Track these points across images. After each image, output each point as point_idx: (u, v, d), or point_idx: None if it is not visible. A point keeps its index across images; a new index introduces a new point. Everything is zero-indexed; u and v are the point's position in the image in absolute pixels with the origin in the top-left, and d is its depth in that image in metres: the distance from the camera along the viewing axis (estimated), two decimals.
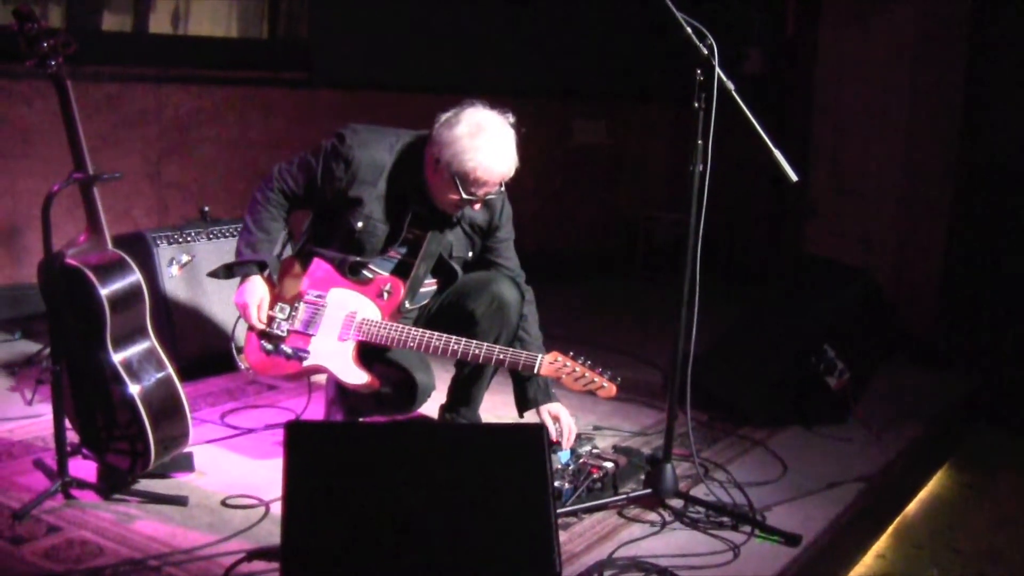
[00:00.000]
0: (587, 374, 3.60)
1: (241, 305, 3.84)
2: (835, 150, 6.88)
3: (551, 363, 3.60)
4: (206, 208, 5.27)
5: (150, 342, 3.61)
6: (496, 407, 4.56)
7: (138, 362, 3.53)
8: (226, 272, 3.92)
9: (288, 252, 4.11)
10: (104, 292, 3.43)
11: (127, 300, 3.50)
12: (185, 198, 6.24)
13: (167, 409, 3.57)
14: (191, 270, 4.99)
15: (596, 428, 4.55)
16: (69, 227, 4.12)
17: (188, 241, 5.04)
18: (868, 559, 4.04)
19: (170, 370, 3.61)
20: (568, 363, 3.60)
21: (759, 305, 5.37)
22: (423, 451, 2.63)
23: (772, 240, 7.79)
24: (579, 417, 4.42)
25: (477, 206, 3.81)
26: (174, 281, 4.95)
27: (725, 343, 5.10)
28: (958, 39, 6.37)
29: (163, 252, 4.93)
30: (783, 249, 7.43)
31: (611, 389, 3.61)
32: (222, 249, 5.04)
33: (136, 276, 3.53)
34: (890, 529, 4.30)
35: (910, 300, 6.42)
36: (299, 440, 2.58)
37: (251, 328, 3.86)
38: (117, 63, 6.03)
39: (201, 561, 3.22)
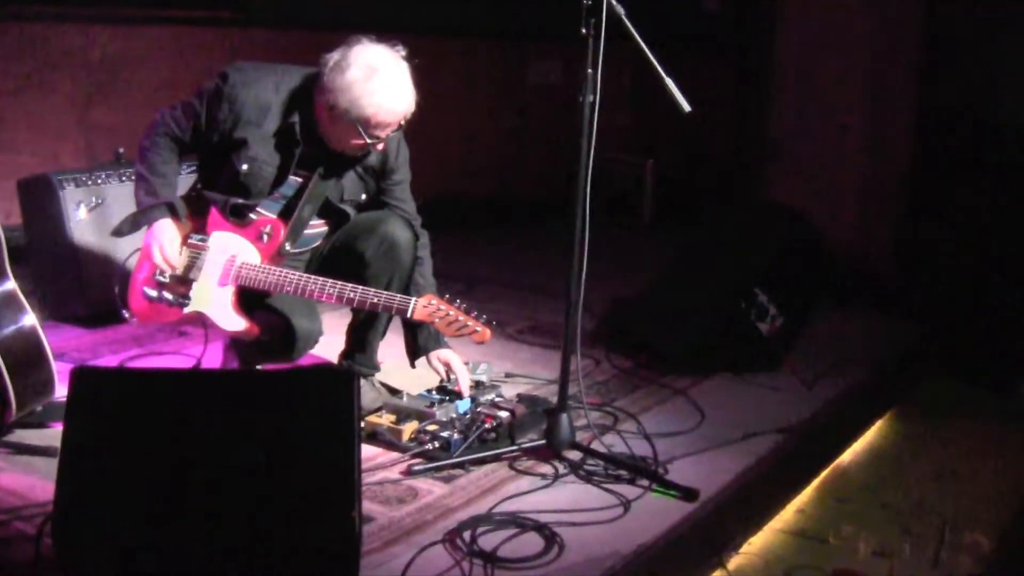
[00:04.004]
0: (460, 318, 3.41)
1: (148, 246, 3.64)
2: (797, 90, 6.62)
3: (424, 307, 3.42)
4: (120, 150, 5.08)
5: (9, 287, 3.44)
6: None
7: None
8: (131, 225, 3.74)
9: None
10: None
11: None
12: (115, 142, 5.93)
13: (27, 355, 3.40)
14: (100, 214, 4.81)
15: (508, 375, 4.35)
16: None
17: (98, 184, 4.85)
18: (787, 514, 3.84)
19: (30, 314, 3.43)
20: (442, 307, 3.42)
21: (690, 247, 5.13)
22: (219, 400, 2.41)
23: (733, 183, 7.54)
24: (494, 363, 4.24)
25: (380, 146, 3.61)
26: (81, 225, 4.76)
27: (654, 287, 4.88)
28: None
29: (69, 195, 4.75)
30: (744, 192, 7.19)
31: (484, 333, 3.43)
32: None
33: None
34: (815, 482, 4.10)
35: (870, 243, 6.21)
36: (84, 387, 2.38)
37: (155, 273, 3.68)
38: (42, 3, 5.80)
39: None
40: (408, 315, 3.43)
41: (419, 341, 3.78)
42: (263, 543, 2.33)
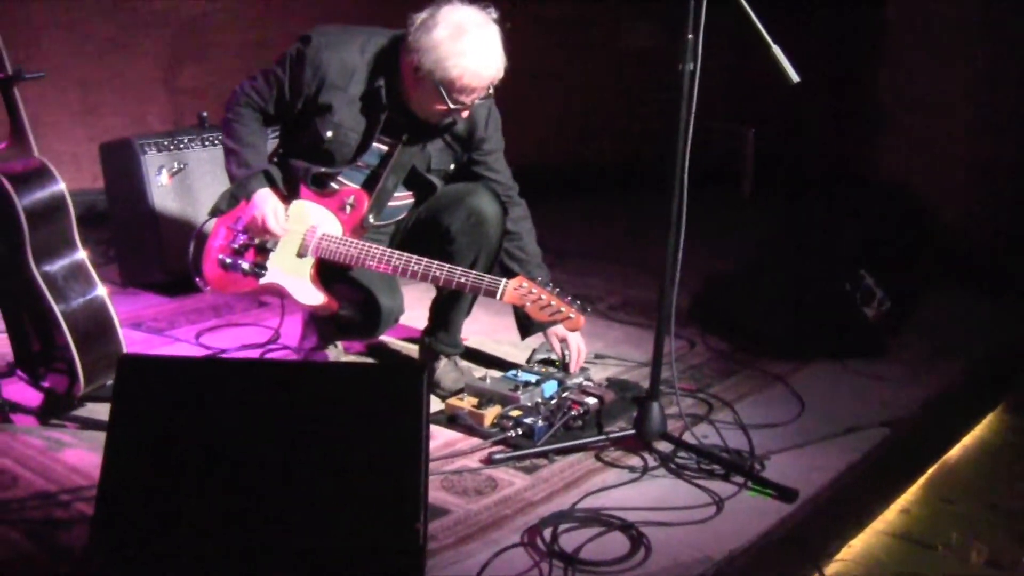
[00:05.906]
0: (553, 302, 3.22)
1: (254, 219, 3.45)
2: (906, 57, 6.28)
3: (515, 289, 3.23)
4: (204, 113, 4.96)
5: (78, 257, 3.32)
6: (497, 330, 4.27)
7: (63, 278, 3.25)
8: (230, 200, 3.58)
9: None
10: (23, 203, 3.14)
11: (49, 212, 3.23)
12: (202, 104, 5.87)
13: (96, 328, 3.30)
14: (182, 179, 4.71)
15: (598, 356, 4.14)
16: None
17: (180, 148, 4.75)
18: (890, 514, 3.59)
19: (100, 286, 3.32)
20: (534, 290, 3.22)
21: (792, 224, 4.86)
22: (277, 395, 2.22)
23: (837, 154, 7.22)
24: (584, 342, 4.04)
25: (465, 113, 3.43)
26: (163, 190, 4.66)
27: (752, 266, 4.63)
28: None
29: (151, 160, 4.66)
30: (848, 163, 6.86)
31: (578, 320, 3.25)
32: (218, 157, 4.69)
33: (59, 186, 3.25)
34: (922, 480, 3.84)
35: (979, 221, 5.87)
36: (131, 377, 2.22)
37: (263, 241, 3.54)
38: None
39: None
40: (498, 298, 3.24)
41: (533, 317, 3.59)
42: (319, 550, 2.15)
